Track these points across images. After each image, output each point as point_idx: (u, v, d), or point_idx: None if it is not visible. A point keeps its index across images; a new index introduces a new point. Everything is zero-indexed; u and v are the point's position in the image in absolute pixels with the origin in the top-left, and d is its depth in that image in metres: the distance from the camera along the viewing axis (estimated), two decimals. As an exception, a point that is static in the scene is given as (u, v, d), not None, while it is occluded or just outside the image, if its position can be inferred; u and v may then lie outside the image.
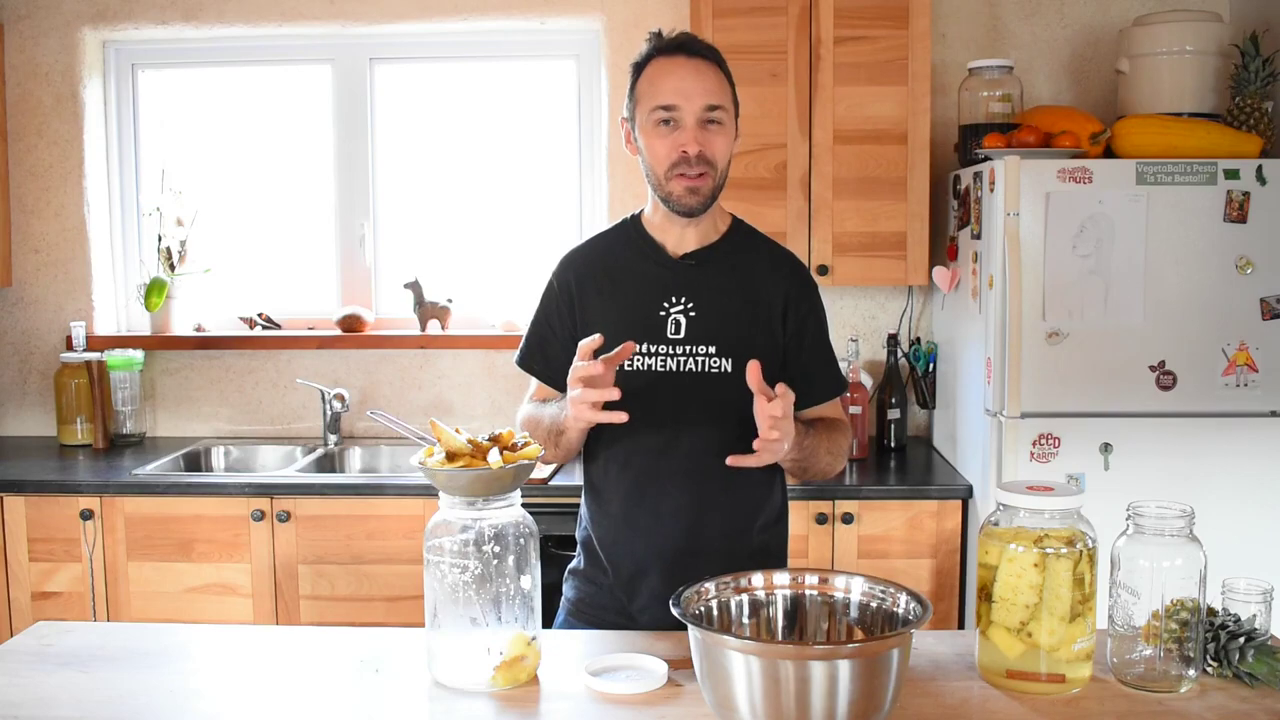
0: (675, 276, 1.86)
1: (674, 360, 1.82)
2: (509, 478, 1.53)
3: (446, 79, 3.60)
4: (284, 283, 3.67)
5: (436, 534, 1.56)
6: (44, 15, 3.49)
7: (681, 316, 1.84)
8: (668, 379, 1.82)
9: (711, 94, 1.78)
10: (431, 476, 1.54)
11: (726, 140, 1.81)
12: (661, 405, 1.82)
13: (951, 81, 3.27)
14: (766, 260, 1.90)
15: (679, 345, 1.83)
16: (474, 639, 1.53)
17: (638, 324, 1.84)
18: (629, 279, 1.88)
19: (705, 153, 1.77)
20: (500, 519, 1.55)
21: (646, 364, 1.83)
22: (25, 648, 1.71)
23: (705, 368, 1.82)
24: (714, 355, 1.82)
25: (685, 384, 1.82)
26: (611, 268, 1.90)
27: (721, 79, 1.81)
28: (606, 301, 1.88)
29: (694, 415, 1.82)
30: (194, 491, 2.95)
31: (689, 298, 1.84)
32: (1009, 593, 1.48)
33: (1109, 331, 2.64)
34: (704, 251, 1.87)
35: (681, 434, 1.83)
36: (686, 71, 1.78)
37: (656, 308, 1.84)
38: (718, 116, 1.78)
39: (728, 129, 1.81)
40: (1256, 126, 2.81)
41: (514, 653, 1.53)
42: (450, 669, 1.55)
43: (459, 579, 1.53)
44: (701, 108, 1.77)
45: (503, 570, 1.53)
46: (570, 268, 1.94)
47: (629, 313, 1.86)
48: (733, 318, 1.84)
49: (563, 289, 1.92)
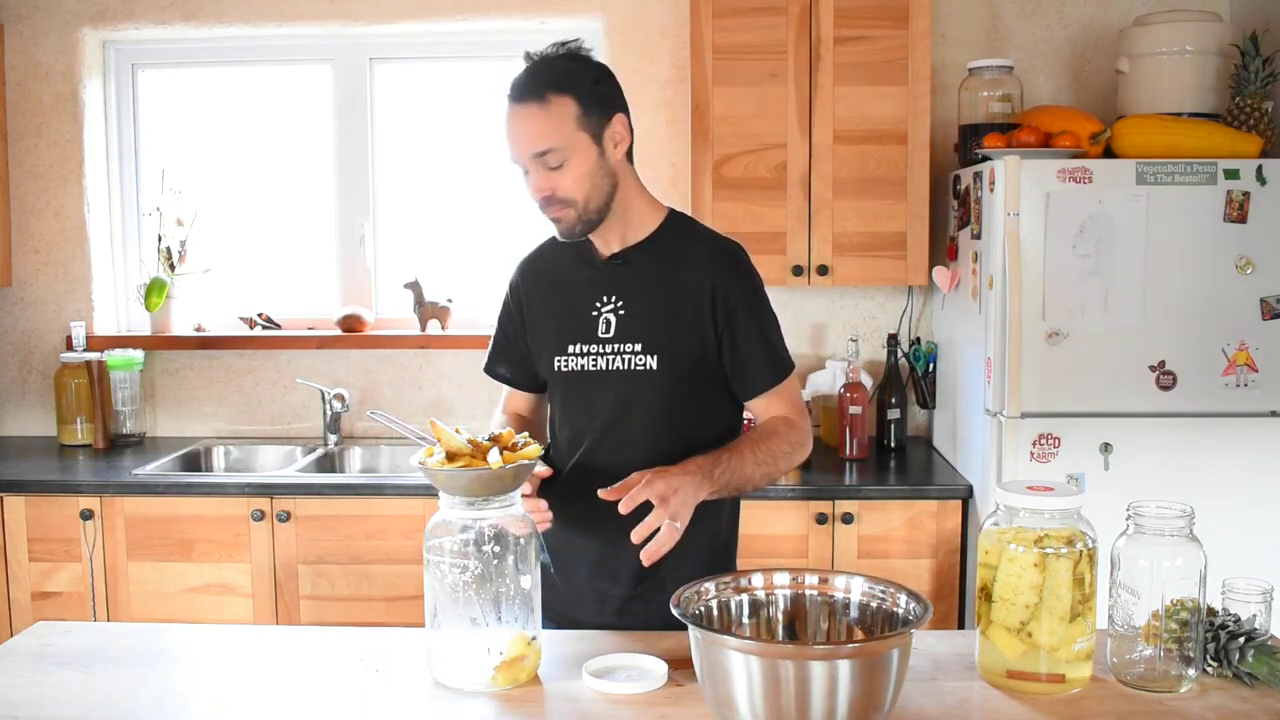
0: (604, 276, 1.88)
1: (604, 359, 1.85)
2: (509, 478, 1.53)
3: (446, 79, 3.60)
4: (284, 283, 3.67)
5: (436, 534, 1.56)
6: (44, 15, 3.49)
7: (611, 315, 1.86)
8: (599, 378, 1.86)
9: (535, 140, 1.74)
10: (431, 476, 1.54)
11: (576, 172, 1.76)
12: (594, 403, 1.88)
13: (951, 81, 3.27)
14: (695, 254, 1.87)
15: (608, 344, 1.85)
16: (474, 639, 1.53)
17: (572, 325, 1.89)
18: (567, 281, 1.92)
19: (555, 195, 1.77)
20: (500, 519, 1.55)
21: (580, 364, 1.87)
22: (25, 648, 1.71)
23: (631, 365, 1.84)
24: (640, 353, 1.83)
25: (614, 382, 1.85)
26: (553, 271, 1.95)
27: (551, 111, 1.73)
28: (547, 304, 1.94)
29: (623, 414, 1.86)
30: (194, 491, 2.95)
31: (618, 296, 1.86)
32: (1009, 593, 1.48)
33: (1109, 331, 2.64)
34: (631, 251, 1.87)
35: (613, 431, 1.87)
36: (514, 121, 1.76)
37: (589, 308, 1.88)
38: (553, 160, 1.75)
39: (573, 161, 1.75)
40: (1256, 126, 2.81)
41: (514, 653, 1.53)
42: (450, 669, 1.55)
43: (459, 579, 1.53)
44: (530, 157, 1.76)
45: (503, 570, 1.54)
46: (520, 273, 2.01)
47: (565, 314, 1.91)
48: (659, 314, 1.84)
49: (514, 295, 2.00)
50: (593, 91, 1.77)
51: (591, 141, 1.77)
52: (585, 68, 1.80)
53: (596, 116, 1.77)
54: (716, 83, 3.05)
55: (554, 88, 1.74)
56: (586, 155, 1.77)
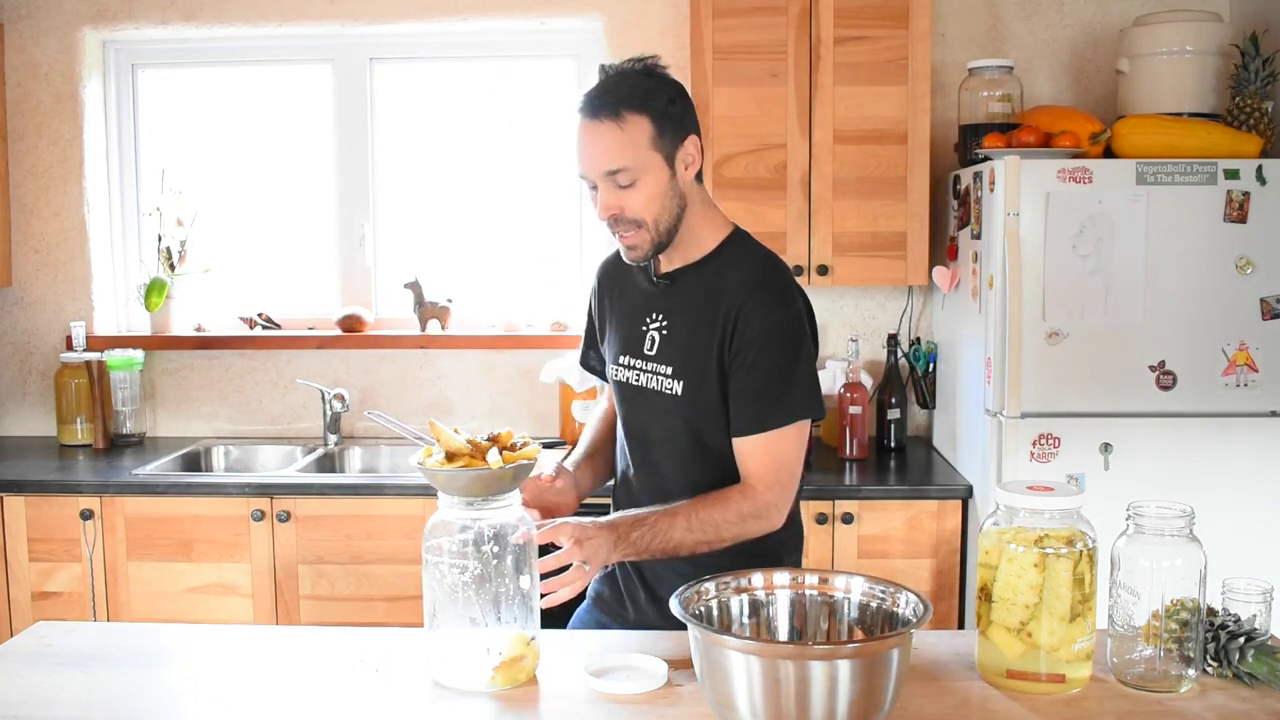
0: (656, 294, 1.86)
1: (645, 376, 1.86)
2: (508, 478, 1.54)
3: (446, 79, 3.60)
4: (284, 283, 3.67)
5: (435, 534, 1.56)
6: (44, 15, 3.49)
7: (656, 334, 1.85)
8: (641, 394, 1.87)
9: (608, 158, 1.70)
10: (430, 477, 1.54)
11: (647, 192, 1.72)
12: (635, 419, 1.90)
13: (951, 81, 3.27)
14: (731, 281, 1.79)
15: (650, 362, 1.85)
16: (473, 639, 1.53)
17: (627, 336, 1.90)
18: (629, 292, 1.93)
19: (623, 214, 1.73)
20: (499, 519, 1.55)
21: (627, 376, 1.89)
22: (25, 648, 1.71)
23: (662, 387, 1.83)
24: (669, 377, 1.82)
25: (650, 401, 1.85)
26: (621, 279, 1.95)
27: (625, 130, 1.70)
28: (614, 312, 1.96)
29: (656, 432, 1.87)
30: (194, 491, 2.95)
31: (665, 316, 1.85)
32: (1009, 593, 1.48)
33: (1109, 331, 2.64)
34: (680, 271, 1.84)
35: (650, 449, 1.88)
36: (587, 137, 1.72)
37: (640, 323, 1.88)
38: (624, 180, 1.71)
39: (644, 181, 1.72)
40: (1256, 126, 2.81)
41: (513, 653, 1.53)
42: (450, 669, 1.55)
43: (458, 579, 1.53)
44: (601, 175, 1.72)
45: (502, 570, 1.54)
46: (600, 272, 2.04)
47: (624, 325, 1.92)
48: (692, 340, 1.81)
49: (594, 293, 2.04)
50: (668, 110, 1.73)
51: (664, 163, 1.73)
52: (662, 86, 1.75)
53: (670, 137, 1.73)
54: (716, 83, 3.05)
55: (630, 105, 1.70)
56: (659, 176, 1.73)
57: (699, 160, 1.78)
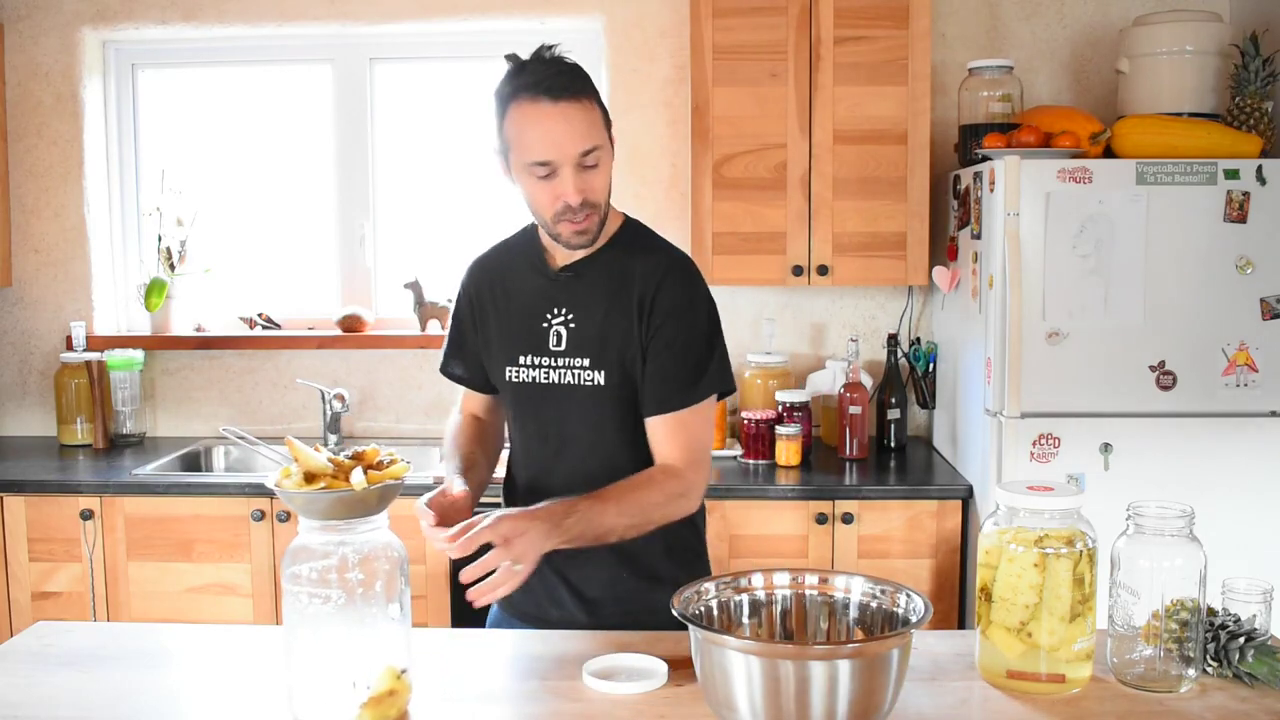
0: (556, 288, 1.83)
1: (555, 372, 1.82)
2: (374, 499, 1.44)
3: (446, 79, 3.60)
4: (284, 283, 3.67)
5: (296, 560, 1.43)
6: (44, 15, 3.49)
7: (562, 328, 1.82)
8: (551, 391, 1.82)
9: (584, 138, 1.68)
10: (288, 499, 1.44)
11: (605, 173, 1.74)
12: (546, 417, 1.84)
13: (951, 81, 3.27)
14: (640, 264, 1.80)
15: (560, 357, 1.82)
16: (338, 673, 1.41)
17: (524, 335, 1.85)
18: (520, 290, 1.88)
19: (587, 197, 1.71)
20: (366, 543, 1.44)
21: (532, 376, 1.84)
22: (25, 648, 1.71)
23: (580, 380, 1.80)
24: (587, 368, 1.80)
25: (565, 396, 1.81)
26: (506, 278, 1.91)
27: (589, 110, 1.69)
28: (499, 311, 1.90)
29: (575, 427, 1.82)
30: (194, 491, 2.95)
31: (569, 309, 1.82)
32: (1009, 593, 1.48)
33: (1109, 331, 2.64)
34: (581, 263, 1.82)
35: (566, 445, 1.84)
36: (553, 121, 1.66)
37: (540, 319, 1.84)
38: (592, 159, 1.70)
39: (605, 162, 1.73)
40: (1256, 126, 2.81)
41: (382, 687, 1.42)
42: (311, 707, 1.43)
43: (320, 609, 1.41)
44: (576, 155, 1.68)
45: (369, 598, 1.43)
46: (472, 275, 1.96)
47: (517, 324, 1.87)
48: (605, 329, 1.79)
49: (466, 296, 1.96)
50: (599, 96, 1.76)
51: (610, 147, 1.76)
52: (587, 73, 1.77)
53: (607, 121, 1.76)
54: (716, 83, 3.05)
55: (587, 89, 1.71)
56: (610, 158, 1.76)
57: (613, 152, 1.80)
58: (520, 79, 1.69)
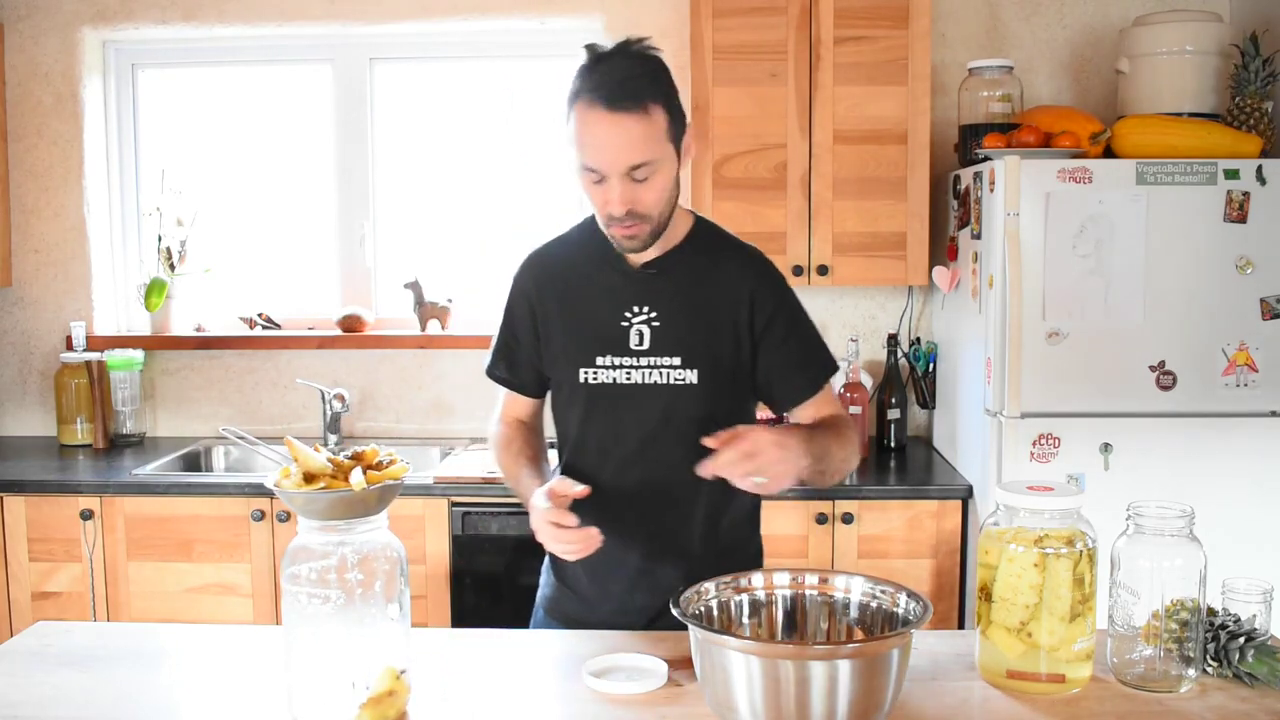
0: (636, 285, 1.78)
1: (640, 372, 1.77)
2: (373, 499, 1.44)
3: (446, 79, 3.60)
4: (284, 283, 3.67)
5: (295, 560, 1.44)
6: (44, 15, 3.49)
7: (645, 327, 1.77)
8: (633, 391, 1.77)
9: (634, 152, 1.62)
10: (288, 500, 1.44)
11: (660, 186, 1.67)
12: (627, 419, 1.79)
13: (951, 81, 3.27)
14: (729, 261, 1.80)
15: (643, 357, 1.77)
16: (338, 673, 1.42)
17: (599, 335, 1.79)
18: (590, 287, 1.82)
19: (634, 209, 1.66)
20: (365, 543, 1.45)
21: (611, 377, 1.78)
22: (25, 648, 1.71)
23: (670, 379, 1.76)
24: (679, 367, 1.76)
25: (650, 397, 1.77)
26: (571, 274, 1.84)
27: (647, 123, 1.62)
28: (567, 310, 1.83)
29: (660, 429, 1.78)
30: (194, 491, 2.95)
31: (651, 307, 1.77)
32: (1009, 593, 1.48)
33: (1109, 331, 2.64)
34: (664, 259, 1.78)
35: (650, 444, 1.79)
36: (607, 129, 1.61)
37: (618, 318, 1.78)
38: (642, 174, 1.64)
39: (661, 173, 1.66)
40: (1256, 126, 2.81)
41: (381, 688, 1.42)
42: (311, 708, 1.43)
43: (319, 609, 1.41)
44: (624, 169, 1.63)
45: (368, 598, 1.43)
46: (530, 273, 1.89)
47: (589, 323, 1.80)
48: (697, 326, 1.77)
49: (524, 298, 1.88)
50: (674, 98, 1.68)
51: (675, 153, 1.69)
52: (666, 71, 1.68)
53: (679, 126, 1.69)
54: (716, 83, 3.05)
55: (651, 95, 1.63)
56: (671, 168, 1.69)
57: (694, 148, 1.77)
58: (586, 79, 1.64)
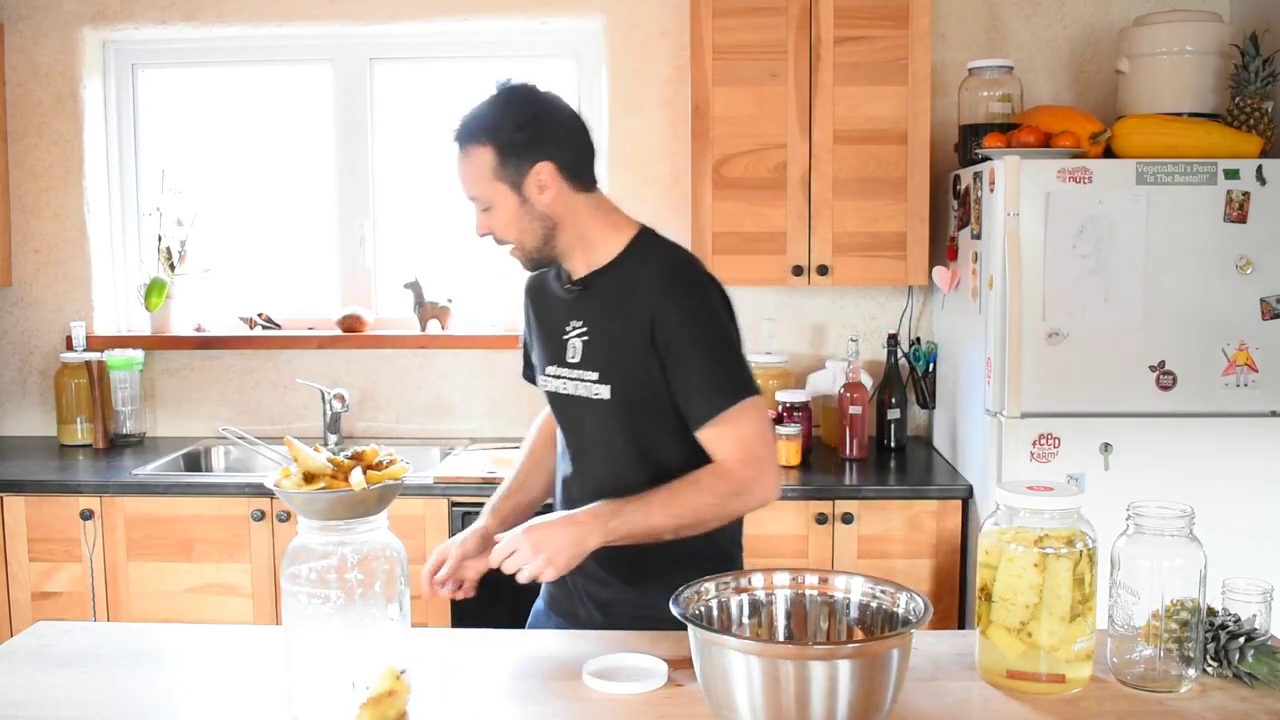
0: (571, 301, 1.88)
1: (571, 384, 1.87)
2: (373, 499, 1.45)
3: (446, 79, 3.60)
4: (284, 283, 3.67)
5: (295, 560, 1.45)
6: (44, 15, 3.49)
7: (578, 341, 1.86)
8: (570, 402, 1.88)
9: (466, 185, 1.81)
10: (288, 499, 1.45)
11: (503, 217, 1.79)
12: (569, 426, 1.92)
13: (951, 81, 3.27)
14: (643, 279, 1.80)
15: (575, 369, 1.86)
16: (338, 673, 1.42)
17: (549, 345, 1.92)
18: (549, 299, 1.94)
19: (493, 234, 1.82)
20: (364, 544, 1.45)
21: (555, 385, 1.91)
22: (25, 648, 1.71)
23: (592, 394, 1.83)
24: (595, 381, 1.82)
25: (580, 407, 1.86)
26: (545, 284, 1.97)
27: (469, 164, 1.79)
28: (539, 322, 1.97)
29: (589, 438, 1.88)
30: (194, 491, 2.95)
31: (582, 322, 1.86)
32: (1009, 593, 1.48)
33: (1109, 331, 2.64)
34: (590, 277, 1.85)
35: (581, 455, 1.90)
36: (458, 164, 1.81)
37: (561, 332, 1.89)
38: (481, 205, 1.81)
39: (499, 204, 1.78)
40: (1256, 126, 2.81)
41: (382, 688, 1.43)
42: (311, 708, 1.44)
43: (319, 609, 1.42)
44: (469, 199, 1.82)
45: (368, 598, 1.44)
46: (527, 285, 2.04)
47: (546, 334, 1.94)
48: (614, 343, 1.81)
49: (526, 300, 2.04)
50: (512, 140, 1.75)
51: (510, 190, 1.78)
52: (511, 113, 1.77)
53: (514, 165, 1.76)
54: (716, 83, 3.05)
55: (471, 138, 1.78)
56: (508, 203, 1.79)
57: (553, 185, 1.77)
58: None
